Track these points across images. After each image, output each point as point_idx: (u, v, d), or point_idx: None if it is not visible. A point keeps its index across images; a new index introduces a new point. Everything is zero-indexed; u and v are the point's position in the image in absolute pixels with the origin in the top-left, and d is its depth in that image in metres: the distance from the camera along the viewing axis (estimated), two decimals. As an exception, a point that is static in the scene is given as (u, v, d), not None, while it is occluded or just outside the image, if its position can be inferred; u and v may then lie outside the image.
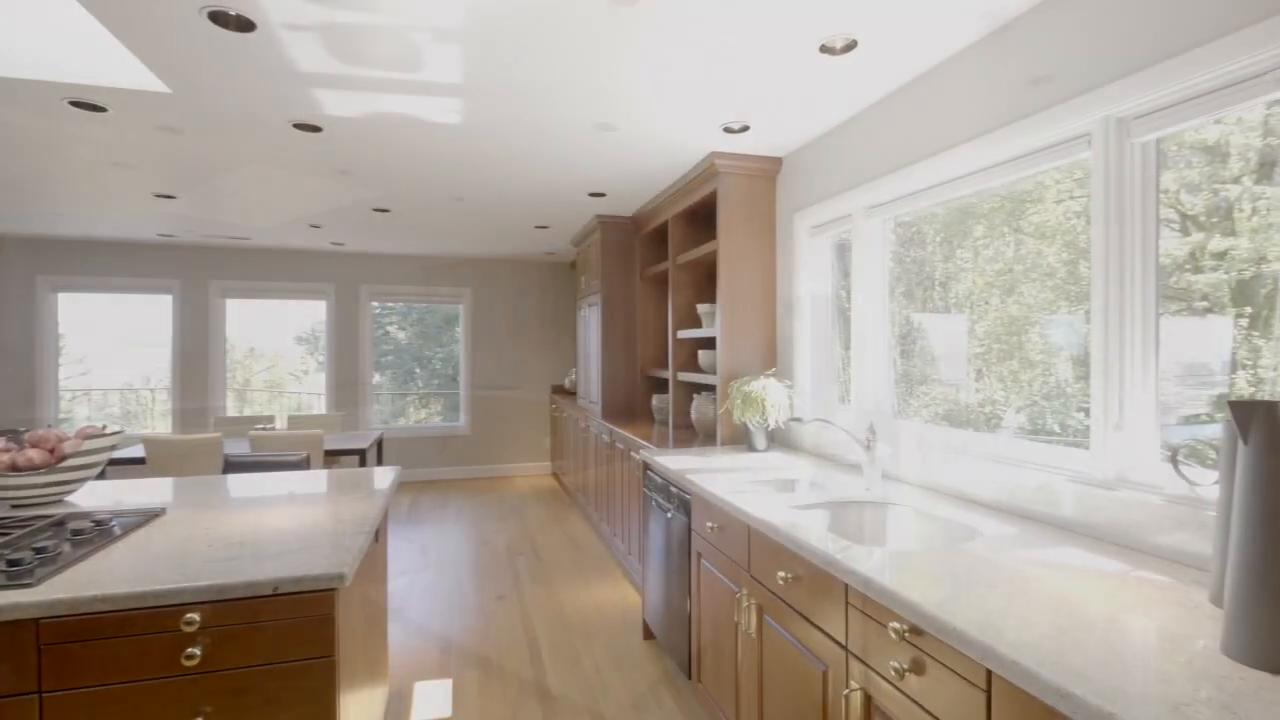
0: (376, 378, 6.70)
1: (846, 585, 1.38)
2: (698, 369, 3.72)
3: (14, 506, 1.87)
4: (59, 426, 5.80)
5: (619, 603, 3.40)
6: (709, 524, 2.16)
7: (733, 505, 1.91)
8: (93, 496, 2.03)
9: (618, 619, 3.20)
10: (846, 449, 2.53)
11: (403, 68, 2.12)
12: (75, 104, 2.40)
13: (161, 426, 6.12)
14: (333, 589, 1.36)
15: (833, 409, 2.84)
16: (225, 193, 3.87)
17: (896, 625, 1.20)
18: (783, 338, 3.11)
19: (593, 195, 3.91)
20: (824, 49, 1.98)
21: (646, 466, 2.89)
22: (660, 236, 4.46)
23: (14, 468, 1.83)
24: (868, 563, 1.35)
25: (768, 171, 3.11)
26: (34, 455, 1.87)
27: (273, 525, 1.69)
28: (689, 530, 2.36)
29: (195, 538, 1.58)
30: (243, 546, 1.51)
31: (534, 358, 6.97)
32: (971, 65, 1.95)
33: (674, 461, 2.60)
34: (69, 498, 2.00)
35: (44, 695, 1.21)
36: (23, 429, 2.00)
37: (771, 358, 3.16)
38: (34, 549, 1.40)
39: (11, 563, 1.32)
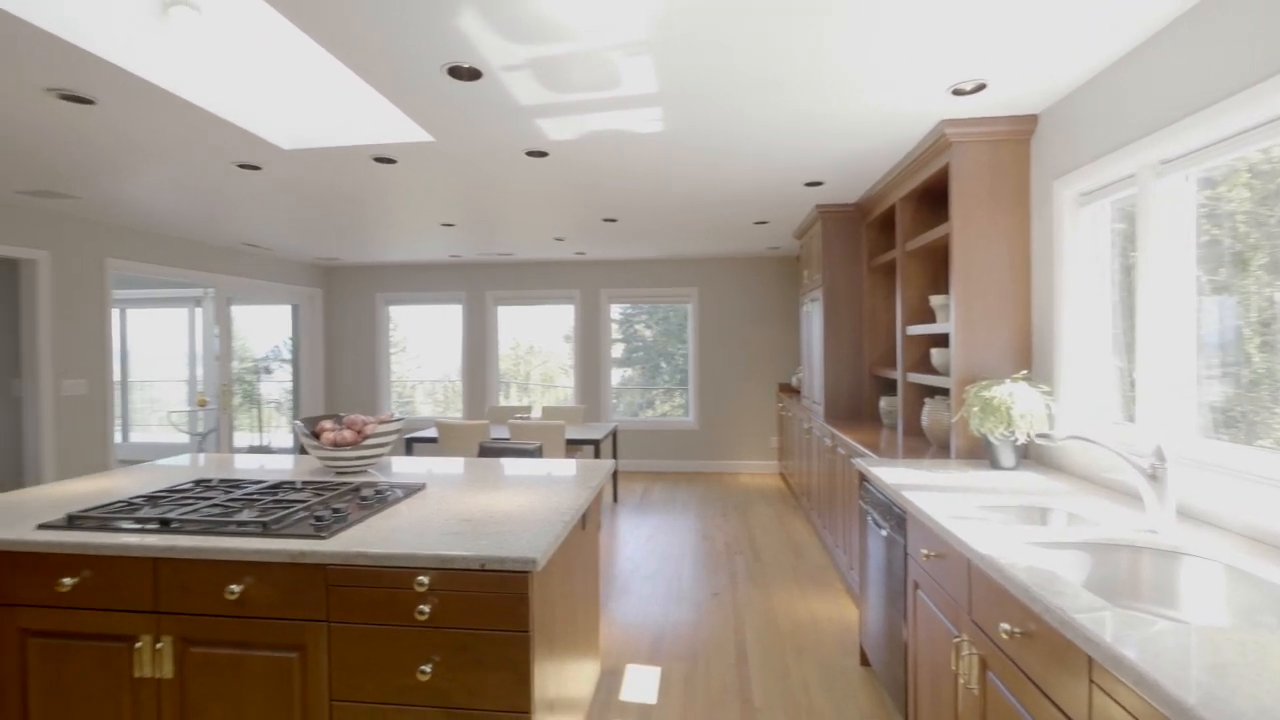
0: (627, 372, 7.33)
1: (1089, 658, 1.08)
2: (930, 370, 3.28)
3: (337, 474, 2.46)
4: (401, 411, 7.48)
5: (837, 619, 3.18)
6: (924, 550, 1.88)
7: (949, 532, 1.63)
8: (393, 468, 2.56)
9: (833, 637, 2.99)
10: (1137, 475, 1.99)
11: (605, 86, 2.25)
12: (377, 159, 3.07)
13: (460, 413, 7.51)
14: (527, 571, 1.51)
15: (1114, 423, 2.25)
16: (488, 216, 4.57)
17: (1156, 724, 0.90)
18: (1039, 333, 2.56)
19: (809, 185, 3.70)
20: (1080, -30, 1.57)
21: (862, 477, 2.64)
22: (887, 222, 4.04)
23: (335, 444, 2.41)
24: (1127, 633, 1.03)
25: (1016, 134, 2.59)
26: (347, 434, 2.43)
27: (496, 506, 1.94)
28: (905, 554, 2.10)
29: (439, 512, 1.89)
30: (468, 523, 1.75)
31: (761, 355, 6.89)
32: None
33: (891, 474, 2.33)
34: (370, 469, 2.56)
35: (331, 624, 1.57)
36: (342, 414, 2.61)
37: (1024, 357, 2.63)
38: (333, 509, 1.82)
39: (318, 518, 1.73)
